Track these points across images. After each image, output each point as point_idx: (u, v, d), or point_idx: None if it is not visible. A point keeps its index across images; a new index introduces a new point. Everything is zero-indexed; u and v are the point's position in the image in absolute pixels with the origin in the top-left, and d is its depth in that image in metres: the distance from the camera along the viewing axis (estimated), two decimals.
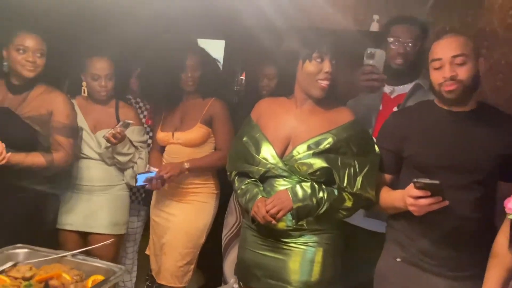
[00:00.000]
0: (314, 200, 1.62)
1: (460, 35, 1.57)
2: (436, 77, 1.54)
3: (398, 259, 1.63)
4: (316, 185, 1.64)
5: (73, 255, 1.39)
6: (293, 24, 2.29)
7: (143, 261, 2.68)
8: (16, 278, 1.25)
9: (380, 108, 1.96)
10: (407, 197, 1.44)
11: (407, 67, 1.92)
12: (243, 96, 3.22)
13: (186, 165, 2.20)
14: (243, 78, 3.55)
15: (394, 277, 1.63)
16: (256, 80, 2.65)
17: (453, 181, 1.48)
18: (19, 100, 2.05)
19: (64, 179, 2.22)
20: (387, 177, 1.69)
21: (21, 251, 1.38)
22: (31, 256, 1.37)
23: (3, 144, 1.85)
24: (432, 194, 1.39)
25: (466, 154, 1.53)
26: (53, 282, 1.24)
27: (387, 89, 1.97)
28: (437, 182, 1.36)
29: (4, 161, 1.85)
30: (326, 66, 1.67)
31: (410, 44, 1.91)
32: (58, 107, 2.07)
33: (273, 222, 1.63)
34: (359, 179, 1.62)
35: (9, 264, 1.32)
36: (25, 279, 1.26)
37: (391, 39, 1.92)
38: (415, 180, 1.39)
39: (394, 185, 1.68)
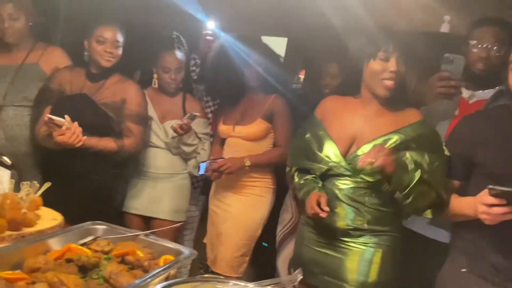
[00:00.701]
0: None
1: None
2: None
3: (463, 270, 1.57)
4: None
5: (146, 235, 1.48)
6: (358, 23, 2.27)
7: (198, 250, 2.77)
8: (96, 251, 1.34)
9: (456, 113, 1.88)
10: (480, 204, 1.36)
11: (489, 72, 1.82)
12: (302, 95, 3.24)
13: (247, 162, 2.25)
14: (302, 76, 3.57)
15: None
16: (316, 79, 2.66)
17: None
18: (96, 88, 2.20)
19: (133, 165, 2.35)
20: (455, 183, 1.63)
21: (100, 227, 1.48)
22: (109, 232, 1.47)
23: (80, 128, 2.00)
24: (508, 202, 1.33)
25: None
26: (129, 258, 1.32)
27: (465, 93, 1.88)
28: None
29: (80, 144, 1.99)
30: (392, 65, 1.64)
31: (494, 48, 1.80)
32: (131, 95, 2.20)
33: (322, 215, 1.61)
34: (428, 176, 1.56)
35: (90, 238, 1.43)
36: (104, 252, 1.35)
37: (473, 42, 1.82)
38: (491, 186, 1.31)
39: (462, 192, 1.62)
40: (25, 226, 1.44)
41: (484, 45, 1.81)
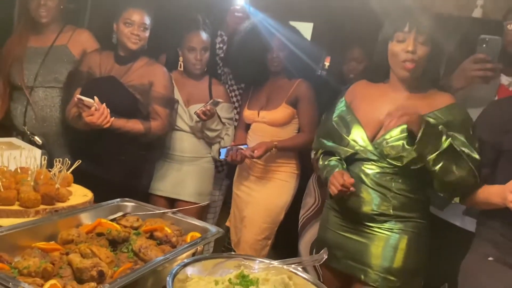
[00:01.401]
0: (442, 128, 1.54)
1: None
2: None
3: (490, 258, 1.54)
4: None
5: (173, 213, 1.51)
6: (385, 7, 2.22)
7: None
8: (125, 227, 1.38)
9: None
10: (509, 193, 1.36)
11: None
12: (327, 81, 3.20)
13: (275, 147, 2.26)
14: (327, 63, 3.53)
15: (484, 276, 1.54)
16: (340, 64, 2.63)
17: None
18: (124, 70, 2.23)
19: (159, 147, 2.39)
20: (483, 170, 1.59)
21: (129, 204, 1.53)
22: (137, 209, 1.51)
23: (108, 109, 2.03)
24: None
25: None
26: (157, 234, 1.35)
27: (505, 80, 1.82)
28: None
29: (108, 125, 2.03)
30: (409, 45, 1.59)
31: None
32: (158, 78, 2.23)
33: (352, 189, 1.60)
34: (459, 148, 1.53)
35: (120, 214, 1.47)
36: (133, 228, 1.39)
37: (510, 25, 1.75)
38: None
39: (488, 181, 1.59)
40: (58, 201, 1.49)
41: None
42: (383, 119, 1.67)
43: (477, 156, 1.53)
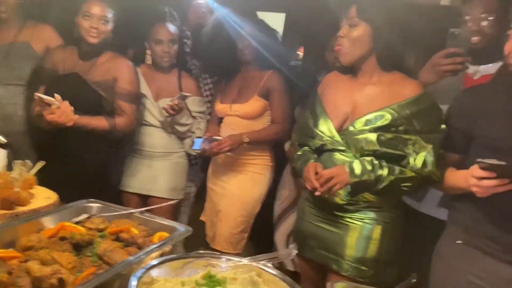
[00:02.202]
0: (373, 176, 1.58)
1: None
2: (509, 46, 1.44)
3: (459, 241, 1.58)
4: (376, 162, 1.60)
5: (141, 213, 1.47)
6: None
7: (197, 227, 2.79)
8: (90, 229, 1.34)
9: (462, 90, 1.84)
10: (471, 177, 1.37)
11: (488, 46, 1.76)
12: (301, 71, 3.19)
13: (246, 139, 2.24)
14: (301, 53, 3.51)
15: (454, 259, 1.58)
16: (320, 54, 2.61)
17: None
18: (88, 66, 2.16)
19: (128, 144, 2.34)
20: (454, 156, 1.61)
21: (94, 205, 1.48)
22: (103, 210, 1.47)
23: (72, 107, 1.97)
24: (498, 175, 1.32)
25: None
26: (123, 235, 1.32)
27: (470, 69, 1.82)
28: (503, 163, 1.28)
29: (71, 123, 1.97)
30: (341, 31, 1.64)
31: (486, 20, 1.73)
32: (122, 73, 2.16)
33: (317, 193, 1.61)
34: (420, 158, 1.56)
35: (85, 216, 1.42)
36: (98, 230, 1.35)
37: (466, 16, 1.76)
38: (479, 160, 1.32)
39: (461, 165, 1.61)
40: (18, 205, 1.44)
41: (475, 17, 1.76)
42: (348, 109, 1.69)
43: (419, 165, 1.58)
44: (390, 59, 1.66)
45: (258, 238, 2.74)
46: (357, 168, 1.60)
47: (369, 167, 1.59)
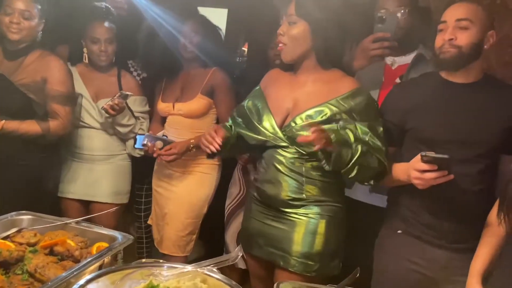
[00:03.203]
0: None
1: (474, 2, 1.52)
2: (438, 40, 1.52)
3: (399, 231, 1.64)
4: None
5: (77, 222, 1.39)
6: None
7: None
8: (21, 244, 1.25)
9: (383, 80, 1.91)
10: (413, 170, 1.43)
11: (403, 37, 1.83)
12: (246, 68, 3.16)
13: (192, 145, 2.18)
14: (245, 49, 3.49)
15: (395, 249, 1.65)
16: (263, 50, 2.59)
17: (457, 155, 1.47)
18: (14, 66, 2.01)
19: (65, 147, 2.21)
20: (390, 149, 1.67)
21: (25, 217, 1.39)
22: (36, 222, 1.38)
23: None
24: (438, 168, 1.38)
25: (470, 127, 1.52)
26: (58, 248, 1.25)
27: (388, 60, 1.91)
28: (446, 156, 1.34)
29: None
30: (280, 28, 1.64)
31: (399, 13, 1.80)
32: (52, 73, 2.03)
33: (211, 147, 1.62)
34: (368, 148, 1.57)
35: (14, 230, 1.32)
36: (30, 245, 1.26)
37: (382, 10, 1.83)
38: (423, 153, 1.37)
39: (396, 158, 1.67)
40: None
41: (390, 10, 1.82)
42: (289, 105, 1.69)
43: (379, 144, 1.58)
44: (328, 57, 1.68)
45: (209, 238, 2.71)
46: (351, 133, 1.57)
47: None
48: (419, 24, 1.78)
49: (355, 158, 1.55)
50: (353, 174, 1.58)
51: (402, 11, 1.81)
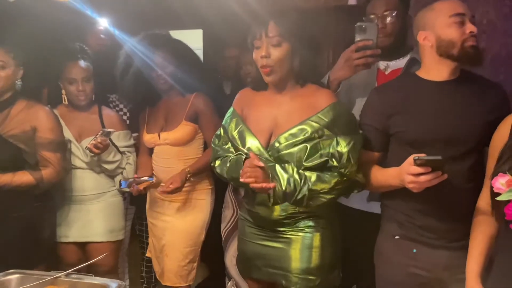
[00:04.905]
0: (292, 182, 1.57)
1: None
2: (457, 33, 1.50)
3: (396, 237, 1.62)
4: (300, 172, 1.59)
5: (67, 275, 1.37)
6: (270, 6, 2.20)
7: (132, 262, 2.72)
8: None
9: (376, 86, 1.89)
10: (407, 174, 1.41)
11: (394, 41, 1.85)
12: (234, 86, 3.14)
13: (189, 174, 2.16)
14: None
15: (394, 255, 1.63)
16: (238, 69, 2.59)
17: (446, 153, 1.44)
18: (1, 118, 2.00)
19: (58, 192, 2.19)
20: (376, 155, 1.66)
21: (13, 277, 1.36)
22: (24, 281, 1.34)
23: None
24: (432, 169, 1.37)
25: (455, 124, 1.51)
26: None
27: (381, 65, 1.90)
28: (439, 157, 1.33)
29: None
30: (262, 50, 1.62)
31: (389, 17, 1.82)
32: (41, 122, 2.02)
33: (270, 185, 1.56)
34: (344, 155, 1.56)
35: None
36: None
37: (371, 16, 1.84)
38: (416, 157, 1.35)
39: (382, 163, 1.65)
40: None
41: (379, 15, 1.83)
42: (271, 125, 1.68)
43: (352, 161, 1.57)
44: (305, 74, 1.67)
45: (211, 259, 2.68)
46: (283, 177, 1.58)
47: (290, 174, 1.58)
48: (410, 27, 1.77)
49: (298, 192, 1.56)
50: (304, 204, 1.59)
51: (388, 17, 1.81)
